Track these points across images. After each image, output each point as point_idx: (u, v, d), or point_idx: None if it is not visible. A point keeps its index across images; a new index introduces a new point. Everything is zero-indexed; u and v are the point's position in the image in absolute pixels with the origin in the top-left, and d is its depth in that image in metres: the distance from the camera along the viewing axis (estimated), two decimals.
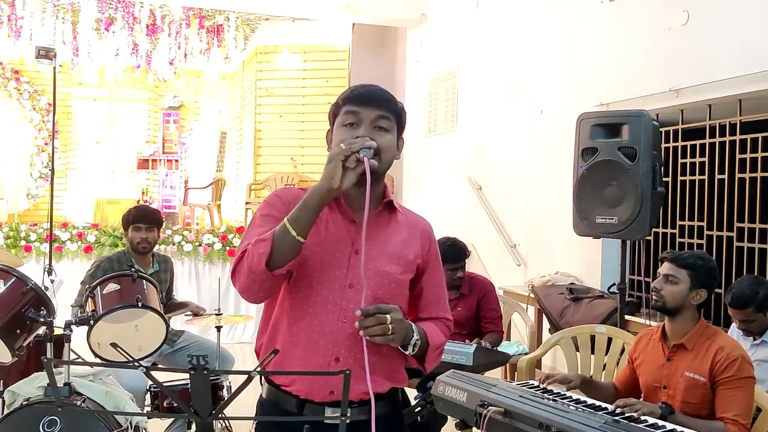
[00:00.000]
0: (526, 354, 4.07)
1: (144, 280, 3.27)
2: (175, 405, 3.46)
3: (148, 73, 10.09)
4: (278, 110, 9.39)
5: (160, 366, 3.83)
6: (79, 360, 3.27)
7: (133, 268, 3.46)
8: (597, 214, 4.03)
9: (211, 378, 2.59)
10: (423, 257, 1.86)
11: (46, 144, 10.09)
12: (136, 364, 1.54)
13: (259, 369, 1.52)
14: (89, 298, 3.17)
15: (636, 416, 2.41)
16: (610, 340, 3.66)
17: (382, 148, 1.70)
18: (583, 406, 2.46)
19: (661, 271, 2.73)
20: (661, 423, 2.38)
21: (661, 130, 4.16)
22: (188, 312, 4.03)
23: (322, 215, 1.70)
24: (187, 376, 1.47)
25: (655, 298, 2.70)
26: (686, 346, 2.65)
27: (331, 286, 1.73)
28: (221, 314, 3.83)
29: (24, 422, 2.74)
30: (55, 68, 4.67)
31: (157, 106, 10.73)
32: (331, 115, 1.81)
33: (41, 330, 2.91)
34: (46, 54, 4.48)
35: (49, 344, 2.90)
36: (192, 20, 9.29)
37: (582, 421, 2.23)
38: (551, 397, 2.55)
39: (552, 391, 2.71)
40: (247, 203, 9.07)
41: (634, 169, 3.83)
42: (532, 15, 6.16)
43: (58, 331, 2.99)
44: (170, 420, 3.68)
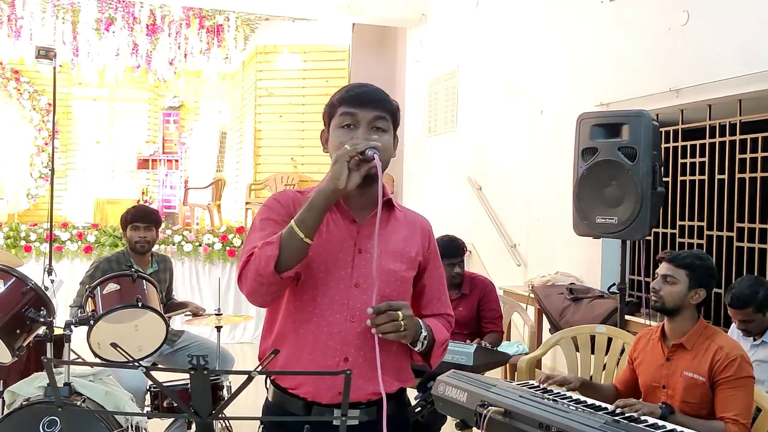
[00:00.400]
0: (526, 354, 4.07)
1: (144, 280, 3.27)
2: (175, 405, 3.45)
3: (148, 73, 10.09)
4: (278, 110, 9.39)
5: (160, 366, 3.83)
6: (79, 360, 3.27)
7: (132, 268, 3.47)
8: (597, 214, 4.04)
9: (211, 378, 2.59)
10: (424, 254, 1.87)
11: (46, 144, 10.09)
12: (136, 364, 1.53)
13: (259, 369, 1.51)
14: (89, 298, 3.17)
15: (636, 416, 2.41)
16: (610, 340, 3.66)
17: (382, 149, 1.70)
18: (583, 406, 2.46)
19: (659, 272, 2.73)
20: (661, 423, 2.38)
21: (661, 130, 4.16)
22: (188, 312, 4.03)
23: None
24: (187, 376, 1.47)
25: (654, 298, 2.71)
26: (685, 346, 2.66)
27: (337, 286, 1.74)
28: (221, 314, 3.83)
29: (24, 422, 2.74)
30: (55, 68, 4.68)
31: (157, 106, 10.73)
32: (326, 115, 1.82)
33: (41, 330, 2.90)
34: (46, 54, 4.48)
35: (49, 344, 2.90)
36: (192, 20, 9.29)
37: (582, 421, 2.23)
38: (551, 397, 2.55)
39: (552, 391, 2.71)
40: (247, 203, 9.07)
41: (634, 169, 3.83)
42: (532, 15, 6.16)
43: (58, 331, 2.99)
44: (170, 420, 3.68)
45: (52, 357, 2.92)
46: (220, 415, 1.51)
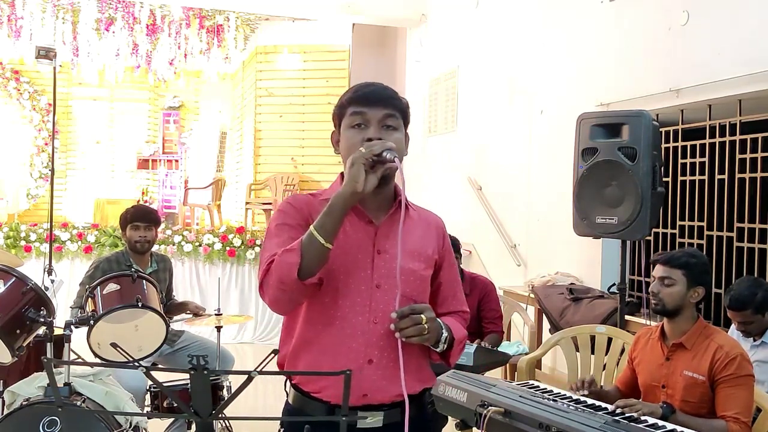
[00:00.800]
0: (526, 354, 4.07)
1: (144, 280, 3.27)
2: (175, 405, 3.46)
3: (148, 73, 10.08)
4: (278, 110, 9.39)
5: (160, 366, 3.83)
6: (79, 360, 3.28)
7: (132, 268, 3.47)
8: (597, 214, 4.04)
9: (211, 378, 2.60)
10: (439, 252, 1.88)
11: (46, 144, 10.09)
12: (136, 364, 1.54)
13: (259, 369, 1.51)
14: (89, 299, 3.17)
15: (636, 416, 2.41)
16: (610, 340, 3.66)
17: (396, 149, 1.70)
18: (583, 406, 2.46)
19: (655, 275, 2.74)
20: (661, 423, 2.38)
21: (661, 130, 4.16)
22: (188, 312, 4.03)
23: None
24: (187, 376, 1.47)
25: (654, 302, 2.71)
26: (685, 345, 2.66)
27: (358, 288, 1.73)
28: (221, 314, 3.83)
29: (24, 422, 2.74)
30: (55, 68, 4.67)
31: (157, 106, 10.73)
32: (335, 116, 1.82)
33: (41, 330, 2.90)
34: (46, 54, 4.48)
35: (49, 344, 2.90)
36: (192, 20, 9.29)
37: (582, 421, 2.23)
38: (551, 397, 2.55)
39: (552, 391, 2.71)
40: (247, 203, 9.06)
41: (634, 169, 3.83)
42: (532, 15, 6.16)
43: (58, 331, 2.99)
44: (170, 420, 3.68)
45: (52, 357, 2.92)
46: (220, 415, 1.51)
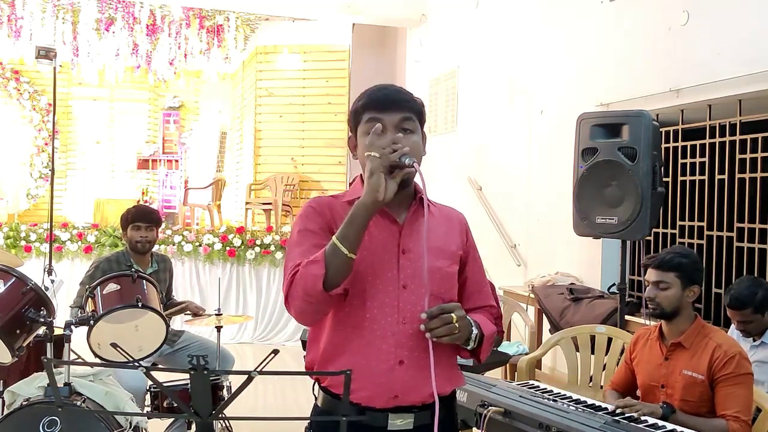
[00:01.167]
0: (526, 354, 4.08)
1: (144, 280, 3.27)
2: (175, 405, 3.46)
3: (148, 73, 10.08)
4: (278, 110, 9.39)
5: (160, 366, 3.83)
6: (79, 360, 3.28)
7: (132, 268, 3.47)
8: (597, 214, 4.04)
9: (211, 378, 2.60)
10: (464, 248, 1.87)
11: (46, 144, 10.08)
12: (136, 364, 1.54)
13: (259, 369, 1.51)
14: (89, 299, 3.17)
15: (636, 416, 2.42)
16: (610, 340, 3.66)
17: (414, 153, 1.70)
18: (583, 406, 2.46)
19: (648, 279, 2.75)
20: (661, 423, 2.38)
21: (661, 130, 4.16)
22: (188, 312, 4.03)
23: None
24: (187, 376, 1.48)
25: (652, 306, 2.73)
26: (684, 345, 2.67)
27: (386, 288, 1.72)
28: (221, 314, 3.83)
29: (24, 422, 2.74)
30: (55, 68, 4.68)
31: (157, 106, 10.73)
32: (351, 122, 1.82)
33: (41, 330, 2.90)
34: (46, 54, 4.48)
35: (49, 344, 2.90)
36: (192, 20, 9.29)
37: (582, 421, 2.23)
38: (551, 397, 2.55)
39: (552, 391, 2.71)
40: (247, 203, 9.06)
41: (634, 169, 3.83)
42: (532, 15, 6.16)
43: (58, 331, 2.98)
44: (170, 420, 3.68)
45: (52, 357, 2.92)
46: (220, 415, 1.51)
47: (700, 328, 2.68)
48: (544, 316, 4.96)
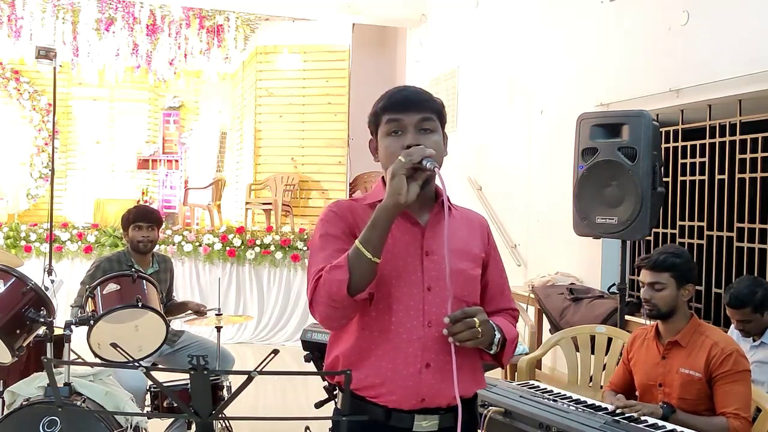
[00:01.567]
0: (526, 354, 4.08)
1: (144, 281, 3.27)
2: (175, 405, 3.46)
3: (148, 73, 10.08)
4: (278, 110, 9.39)
5: (160, 366, 3.83)
6: (79, 360, 3.28)
7: (133, 268, 3.47)
8: (597, 214, 4.04)
9: (211, 378, 2.60)
10: (485, 250, 1.87)
11: (46, 144, 10.08)
12: (136, 364, 1.54)
13: (259, 369, 1.52)
14: (89, 299, 3.17)
15: (636, 416, 2.42)
16: (610, 340, 3.66)
17: (435, 153, 1.68)
18: (583, 406, 2.46)
19: (643, 280, 2.76)
20: (661, 423, 2.38)
21: (661, 130, 4.16)
22: (189, 311, 4.03)
23: None
24: (187, 376, 1.48)
25: (648, 308, 2.74)
26: (680, 343, 2.68)
27: (410, 291, 1.72)
28: (221, 314, 3.83)
29: (24, 422, 2.74)
30: (55, 68, 4.68)
31: (157, 106, 10.73)
32: (371, 125, 1.81)
33: (41, 330, 2.91)
34: (46, 54, 4.48)
35: (49, 344, 2.90)
36: (192, 20, 9.28)
37: (582, 421, 2.24)
38: (551, 397, 2.55)
39: (552, 391, 2.71)
40: (247, 203, 9.06)
41: (634, 170, 3.83)
42: (532, 15, 6.16)
43: (58, 331, 2.99)
44: (170, 420, 3.68)
45: (52, 357, 2.92)
46: (220, 415, 1.51)
47: (696, 326, 2.69)
48: (544, 316, 4.96)
